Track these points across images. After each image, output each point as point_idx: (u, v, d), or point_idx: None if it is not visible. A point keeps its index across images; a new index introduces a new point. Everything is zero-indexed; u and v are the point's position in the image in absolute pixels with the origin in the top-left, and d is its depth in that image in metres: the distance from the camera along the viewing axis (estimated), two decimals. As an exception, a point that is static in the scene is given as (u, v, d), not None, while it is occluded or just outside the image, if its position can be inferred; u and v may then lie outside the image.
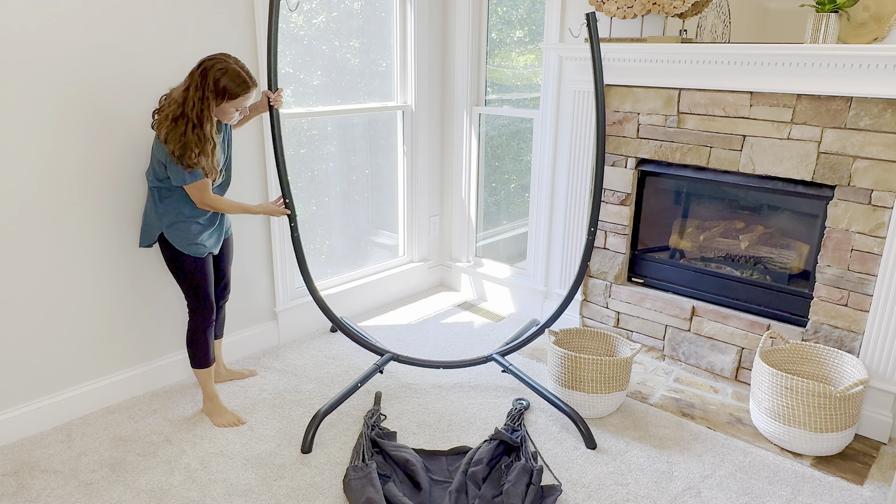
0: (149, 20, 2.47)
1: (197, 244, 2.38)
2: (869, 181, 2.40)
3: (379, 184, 3.73)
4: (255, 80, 2.26)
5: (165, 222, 2.34)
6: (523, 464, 2.23)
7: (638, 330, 3.19)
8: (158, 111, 2.26)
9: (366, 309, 3.71)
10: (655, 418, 2.66)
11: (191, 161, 2.18)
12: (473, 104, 3.70)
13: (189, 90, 2.18)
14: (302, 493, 2.17)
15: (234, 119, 2.33)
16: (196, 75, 2.18)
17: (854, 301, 2.52)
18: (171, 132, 2.17)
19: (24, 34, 2.18)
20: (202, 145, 2.20)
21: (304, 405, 2.71)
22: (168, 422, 2.57)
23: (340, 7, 3.27)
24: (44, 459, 2.32)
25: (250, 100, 2.29)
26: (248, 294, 3.07)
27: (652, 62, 2.78)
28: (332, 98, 3.33)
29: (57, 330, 2.48)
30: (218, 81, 2.18)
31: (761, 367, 2.46)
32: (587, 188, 3.17)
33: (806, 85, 2.44)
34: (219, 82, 2.18)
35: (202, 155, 2.21)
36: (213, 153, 2.25)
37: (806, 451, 2.39)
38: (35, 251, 2.37)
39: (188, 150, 2.17)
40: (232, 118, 2.31)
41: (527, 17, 3.48)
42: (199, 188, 2.27)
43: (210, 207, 2.34)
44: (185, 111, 2.17)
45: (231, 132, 2.48)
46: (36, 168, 2.31)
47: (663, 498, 2.18)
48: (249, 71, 2.26)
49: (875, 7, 2.30)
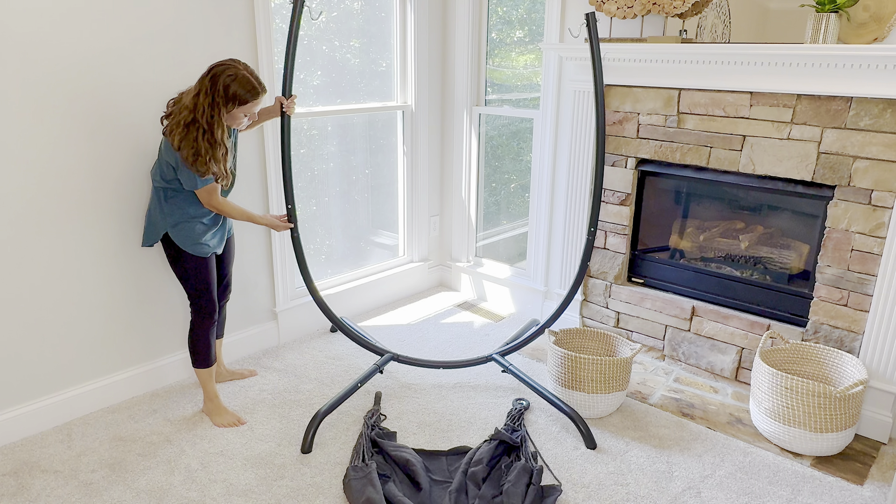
0: (151, 23, 2.47)
1: (201, 244, 2.39)
2: (869, 181, 2.40)
3: (379, 184, 3.73)
4: (264, 86, 2.28)
5: (170, 222, 2.35)
6: (523, 464, 2.23)
7: (638, 330, 3.19)
8: (169, 116, 2.27)
9: (366, 309, 3.71)
10: (655, 418, 2.66)
11: (203, 167, 2.20)
12: (473, 104, 3.70)
13: (199, 96, 2.19)
14: (302, 493, 2.17)
15: (244, 124, 2.36)
16: (206, 81, 2.19)
17: (854, 301, 2.52)
18: (183, 139, 2.19)
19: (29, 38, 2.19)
20: (214, 151, 2.22)
21: (304, 405, 2.71)
22: (168, 422, 2.57)
23: (340, 7, 3.27)
24: (44, 459, 2.32)
25: (259, 105, 2.31)
26: (248, 294, 3.07)
27: (652, 62, 2.78)
28: (332, 98, 3.33)
29: (57, 330, 2.48)
30: (228, 87, 2.19)
31: (761, 367, 2.46)
32: (587, 188, 3.17)
33: (806, 85, 2.44)
34: (229, 88, 2.19)
35: (213, 160, 2.23)
36: (224, 158, 2.28)
37: (806, 451, 2.39)
38: (35, 251, 2.37)
39: (200, 157, 2.19)
40: (241, 123, 2.33)
41: (527, 17, 3.48)
42: (209, 191, 2.30)
43: (216, 210, 2.35)
44: (196, 117, 2.18)
45: (237, 135, 2.50)
46: (38, 168, 2.31)
47: (663, 498, 2.18)
48: (259, 77, 2.28)
49: (875, 7, 2.30)
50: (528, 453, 2.33)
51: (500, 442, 2.37)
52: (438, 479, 2.23)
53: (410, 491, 2.17)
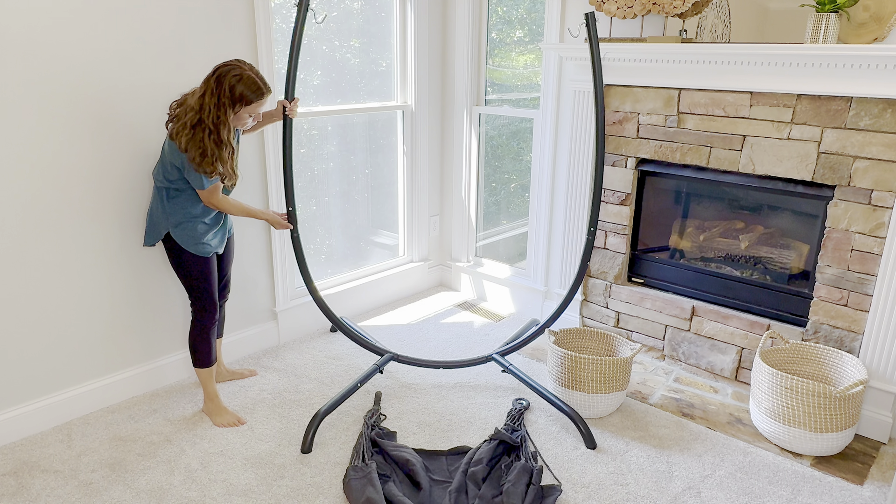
0: (152, 24, 2.47)
1: (203, 243, 2.40)
2: (869, 181, 2.40)
3: (379, 184, 3.73)
4: (269, 87, 2.29)
5: (172, 222, 2.36)
6: (523, 464, 2.23)
7: (638, 330, 3.19)
8: (175, 119, 2.27)
9: (366, 309, 3.71)
10: (655, 418, 2.66)
11: (209, 167, 2.21)
12: (473, 104, 3.70)
13: (205, 97, 2.19)
14: (302, 493, 2.17)
15: (248, 125, 2.37)
16: (211, 82, 2.20)
17: (854, 301, 2.52)
18: (190, 140, 2.20)
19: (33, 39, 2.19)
20: (220, 151, 2.23)
21: (304, 405, 2.71)
22: (168, 422, 2.57)
23: (340, 7, 3.27)
24: (44, 459, 2.32)
25: (265, 106, 2.32)
26: (248, 294, 3.07)
27: (652, 62, 2.78)
28: (332, 98, 3.33)
29: (57, 329, 2.48)
30: (234, 88, 2.19)
31: (761, 367, 2.46)
32: (587, 188, 3.17)
33: (806, 85, 2.44)
34: (234, 89, 2.19)
35: (220, 161, 2.24)
36: (231, 159, 2.29)
37: (806, 451, 2.39)
38: (36, 251, 2.37)
39: (207, 157, 2.20)
40: (246, 124, 2.34)
41: (527, 16, 3.48)
42: (210, 190, 2.30)
43: (216, 207, 2.36)
44: (202, 118, 2.19)
45: (239, 135, 2.50)
46: (39, 169, 2.31)
47: (663, 498, 2.18)
48: (264, 77, 2.28)
49: (875, 7, 2.30)
50: (528, 453, 2.33)
51: (500, 442, 2.37)
52: (438, 479, 2.23)
53: (410, 491, 2.17)
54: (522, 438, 2.42)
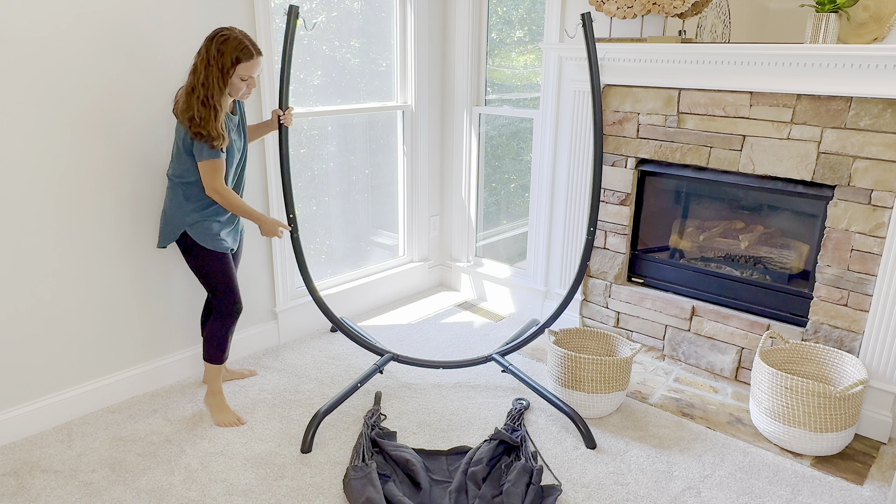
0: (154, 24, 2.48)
1: (221, 239, 2.43)
2: (869, 181, 2.40)
3: (379, 184, 3.73)
4: (259, 49, 2.29)
5: (189, 221, 2.37)
6: (523, 463, 2.23)
7: (638, 330, 3.19)
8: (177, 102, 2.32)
9: (366, 309, 3.71)
10: (655, 418, 2.66)
11: (202, 129, 2.21)
12: (473, 104, 3.70)
13: (198, 64, 2.24)
14: (302, 493, 2.17)
15: (242, 91, 2.33)
16: (202, 49, 2.25)
17: (854, 301, 2.52)
18: (185, 105, 2.24)
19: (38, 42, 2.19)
20: (207, 112, 2.23)
21: (304, 405, 2.71)
22: (168, 422, 2.57)
23: (340, 7, 3.27)
24: (44, 459, 2.32)
25: (257, 69, 2.31)
26: (248, 294, 3.07)
27: (652, 62, 2.78)
28: (332, 98, 3.33)
29: (57, 329, 2.48)
30: (220, 49, 2.22)
31: (761, 367, 2.46)
32: (587, 188, 3.17)
33: (806, 85, 2.44)
34: (221, 50, 2.22)
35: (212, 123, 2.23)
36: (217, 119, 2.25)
37: (806, 451, 2.39)
38: (36, 251, 2.37)
39: (195, 120, 2.22)
40: (240, 90, 2.32)
41: (527, 17, 3.48)
42: (215, 168, 2.29)
43: (218, 193, 2.33)
44: (194, 85, 2.23)
45: (246, 142, 2.52)
46: (41, 170, 2.31)
47: (663, 498, 2.18)
48: (254, 41, 2.30)
49: (875, 7, 2.30)
50: (528, 453, 2.33)
51: (500, 442, 2.37)
52: (438, 479, 2.23)
53: (410, 491, 2.17)
54: (522, 438, 2.42)
